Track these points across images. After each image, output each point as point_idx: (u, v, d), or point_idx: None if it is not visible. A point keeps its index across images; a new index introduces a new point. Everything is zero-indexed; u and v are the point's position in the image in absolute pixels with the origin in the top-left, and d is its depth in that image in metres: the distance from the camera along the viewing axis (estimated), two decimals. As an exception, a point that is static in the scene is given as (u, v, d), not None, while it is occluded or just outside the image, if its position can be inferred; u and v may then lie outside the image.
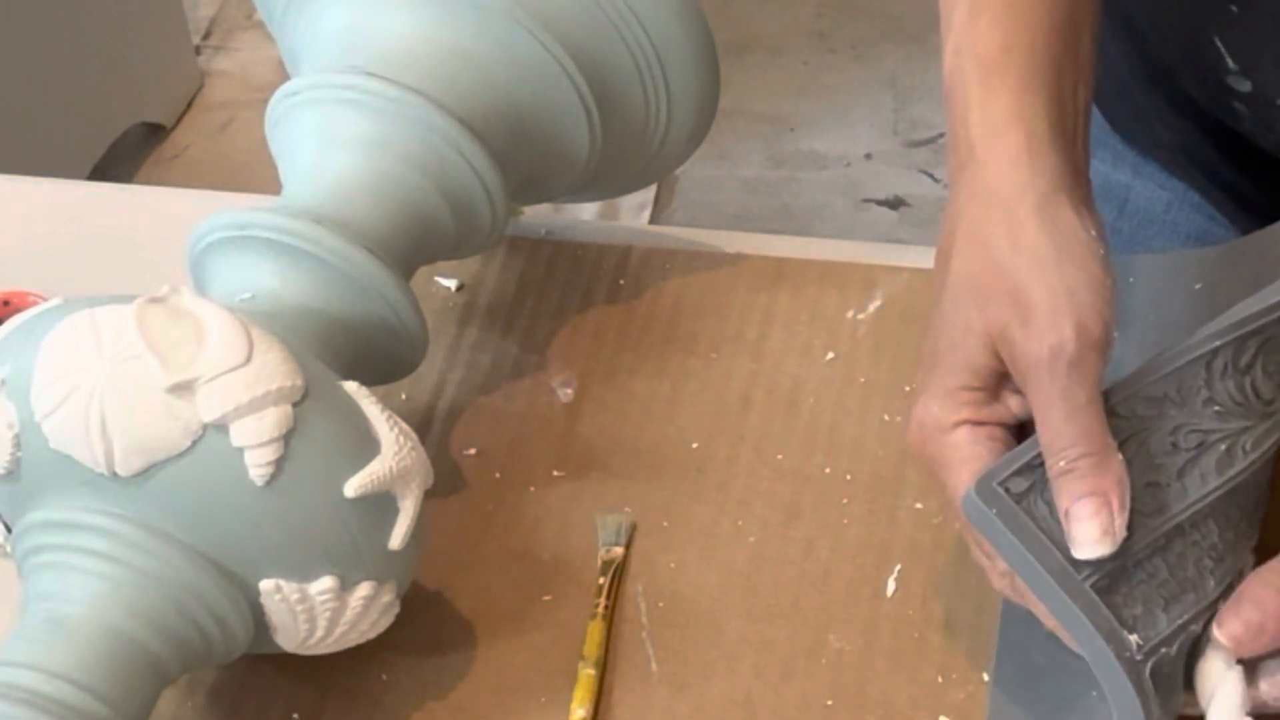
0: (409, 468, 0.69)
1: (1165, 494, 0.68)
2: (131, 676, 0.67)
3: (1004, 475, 0.68)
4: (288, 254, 0.75)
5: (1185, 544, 0.68)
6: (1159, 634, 0.66)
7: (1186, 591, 0.68)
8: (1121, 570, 0.67)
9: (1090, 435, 0.67)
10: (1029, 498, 0.67)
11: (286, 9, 0.86)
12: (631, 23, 0.83)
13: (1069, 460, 0.67)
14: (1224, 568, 0.69)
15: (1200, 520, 0.69)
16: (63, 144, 2.22)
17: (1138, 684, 0.65)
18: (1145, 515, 0.67)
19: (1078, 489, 0.66)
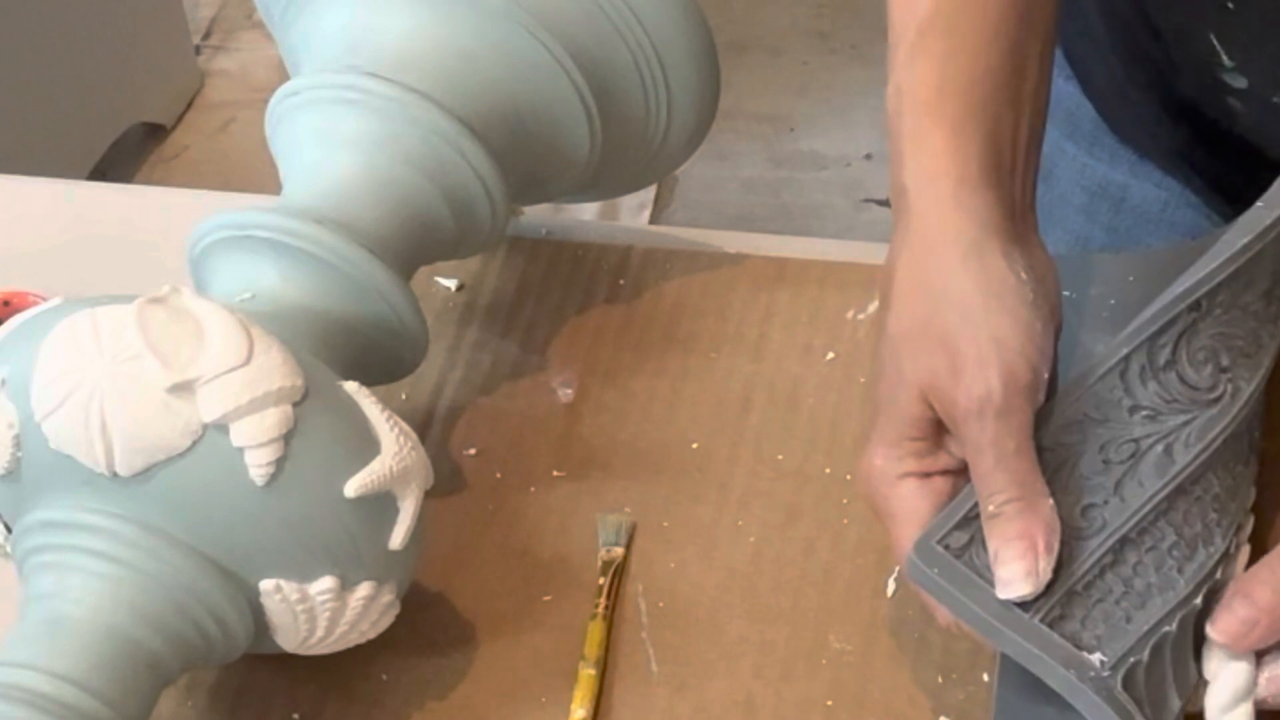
0: (409, 468, 0.69)
1: (1104, 511, 0.69)
2: (131, 676, 0.67)
3: (944, 532, 0.69)
4: (288, 254, 0.75)
5: (1139, 553, 0.69)
6: (1125, 646, 0.67)
7: (1151, 597, 0.68)
8: (1072, 596, 0.67)
9: (1018, 481, 0.68)
10: (970, 550, 0.68)
11: (286, 9, 0.86)
12: (632, 23, 0.83)
13: (997, 505, 0.68)
14: (1197, 560, 0.69)
15: (1149, 526, 0.69)
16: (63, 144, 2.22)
17: (1109, 699, 0.66)
18: (1086, 537, 0.68)
19: (1005, 532, 0.67)
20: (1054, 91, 1.02)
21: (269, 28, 0.89)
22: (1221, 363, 0.72)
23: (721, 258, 0.93)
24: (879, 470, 0.71)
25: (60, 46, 2.23)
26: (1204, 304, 0.72)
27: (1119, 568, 0.68)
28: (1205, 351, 0.72)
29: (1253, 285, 0.73)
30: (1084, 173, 1.02)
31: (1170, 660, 0.68)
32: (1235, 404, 0.72)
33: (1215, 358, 0.72)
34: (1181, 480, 0.70)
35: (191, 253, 0.78)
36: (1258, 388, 0.73)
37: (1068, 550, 0.68)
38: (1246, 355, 0.73)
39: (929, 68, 0.74)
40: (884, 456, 0.71)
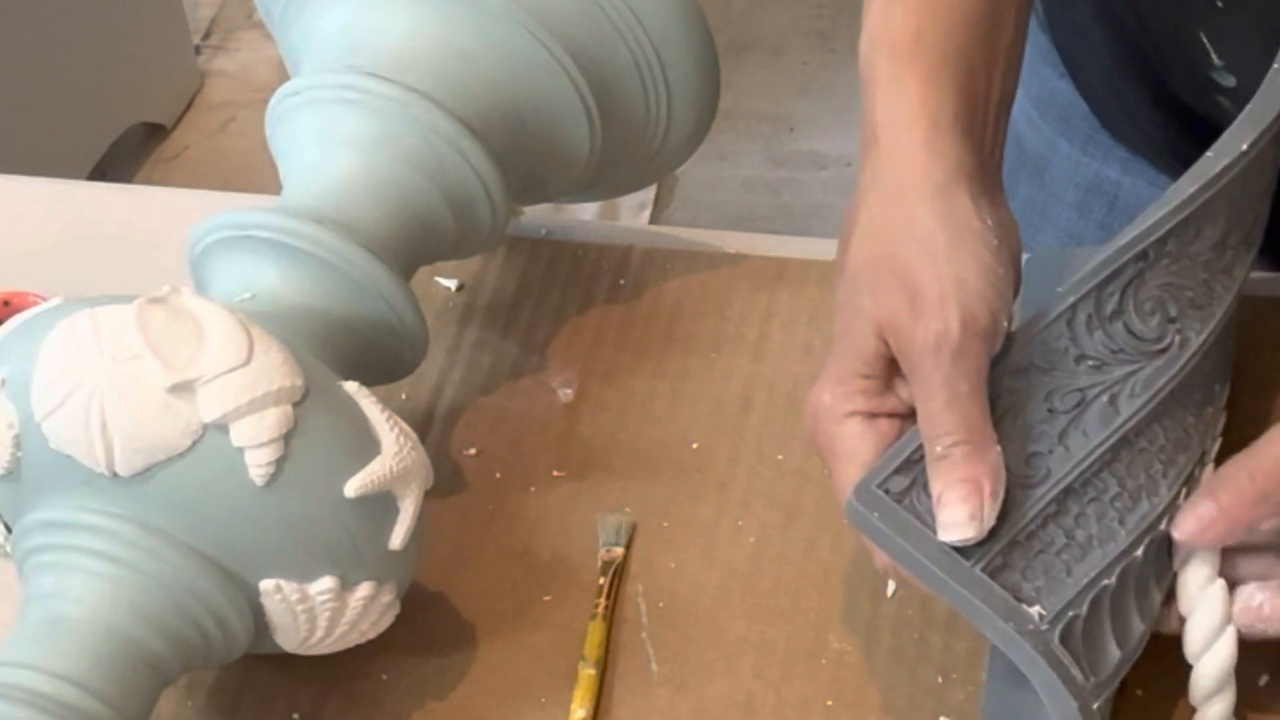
0: (409, 468, 0.69)
1: (1048, 460, 0.69)
2: (131, 676, 0.67)
3: (884, 475, 0.68)
4: (288, 254, 0.75)
5: (1081, 504, 0.68)
6: (1065, 599, 0.66)
7: (1091, 549, 0.68)
8: (1014, 545, 0.67)
9: (968, 424, 0.67)
10: (910, 494, 0.68)
11: (286, 9, 0.86)
12: (631, 23, 0.83)
13: (944, 447, 0.67)
14: (1139, 511, 0.69)
15: (1093, 477, 0.69)
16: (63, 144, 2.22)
17: (1046, 654, 0.65)
18: (1030, 486, 0.68)
19: (951, 475, 0.67)
20: (1048, 89, 1.02)
21: (269, 28, 0.89)
22: (1170, 313, 0.72)
23: (721, 258, 0.93)
24: (826, 406, 0.70)
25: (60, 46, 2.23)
26: (1151, 253, 0.71)
27: (1061, 518, 0.68)
28: (1153, 302, 0.71)
29: (1202, 235, 0.73)
30: (1077, 170, 1.02)
31: (1109, 612, 0.67)
32: (1183, 355, 0.71)
33: (1163, 308, 0.72)
34: (1126, 431, 0.69)
35: (191, 253, 0.78)
36: (1209, 339, 0.72)
37: (1011, 499, 0.67)
38: (1197, 306, 0.72)
39: (907, 16, 0.74)
40: (832, 393, 0.70)
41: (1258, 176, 0.75)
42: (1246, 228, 0.75)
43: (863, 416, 0.70)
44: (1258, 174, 0.74)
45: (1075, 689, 0.65)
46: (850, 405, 0.70)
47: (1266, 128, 0.74)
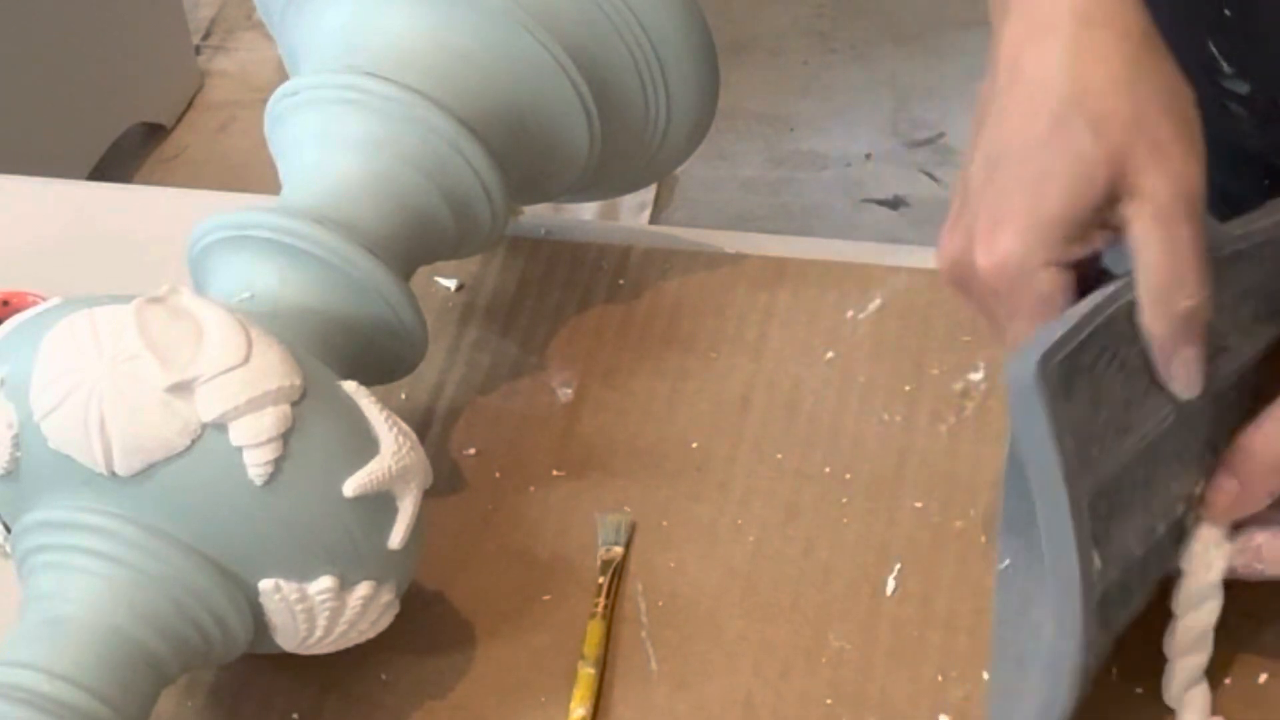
0: (408, 467, 0.69)
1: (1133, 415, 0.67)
2: (131, 676, 0.67)
3: (1063, 351, 0.64)
4: (287, 254, 0.75)
5: (1145, 466, 0.68)
6: (1111, 555, 0.66)
7: (1137, 514, 0.68)
8: (1100, 489, 0.66)
9: (1208, 280, 0.66)
10: (1076, 379, 0.64)
11: (286, 9, 0.86)
12: (631, 22, 0.83)
13: (1194, 300, 0.65)
14: (1170, 492, 0.69)
15: (1150, 451, 0.68)
16: (63, 144, 2.22)
17: (1088, 605, 0.65)
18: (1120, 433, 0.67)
19: (1196, 334, 0.66)
20: None
21: (269, 28, 0.89)
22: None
23: (721, 258, 0.93)
24: (1017, 257, 0.66)
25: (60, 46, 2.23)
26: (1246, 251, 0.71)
27: (1128, 474, 0.67)
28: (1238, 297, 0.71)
29: None
30: None
31: (1126, 583, 0.67)
32: (1234, 362, 0.71)
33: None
34: (1182, 414, 0.69)
35: (191, 253, 0.78)
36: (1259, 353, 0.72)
37: (1110, 437, 0.66)
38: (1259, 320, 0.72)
39: None
40: (1027, 242, 0.66)
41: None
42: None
43: (1058, 267, 0.66)
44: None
45: (1089, 641, 0.65)
46: (1054, 253, 0.66)
47: None
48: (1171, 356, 0.67)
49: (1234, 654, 0.73)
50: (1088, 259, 0.67)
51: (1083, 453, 0.65)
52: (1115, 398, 0.66)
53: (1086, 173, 0.65)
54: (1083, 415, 0.65)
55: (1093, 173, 0.65)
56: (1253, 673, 0.73)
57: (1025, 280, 0.66)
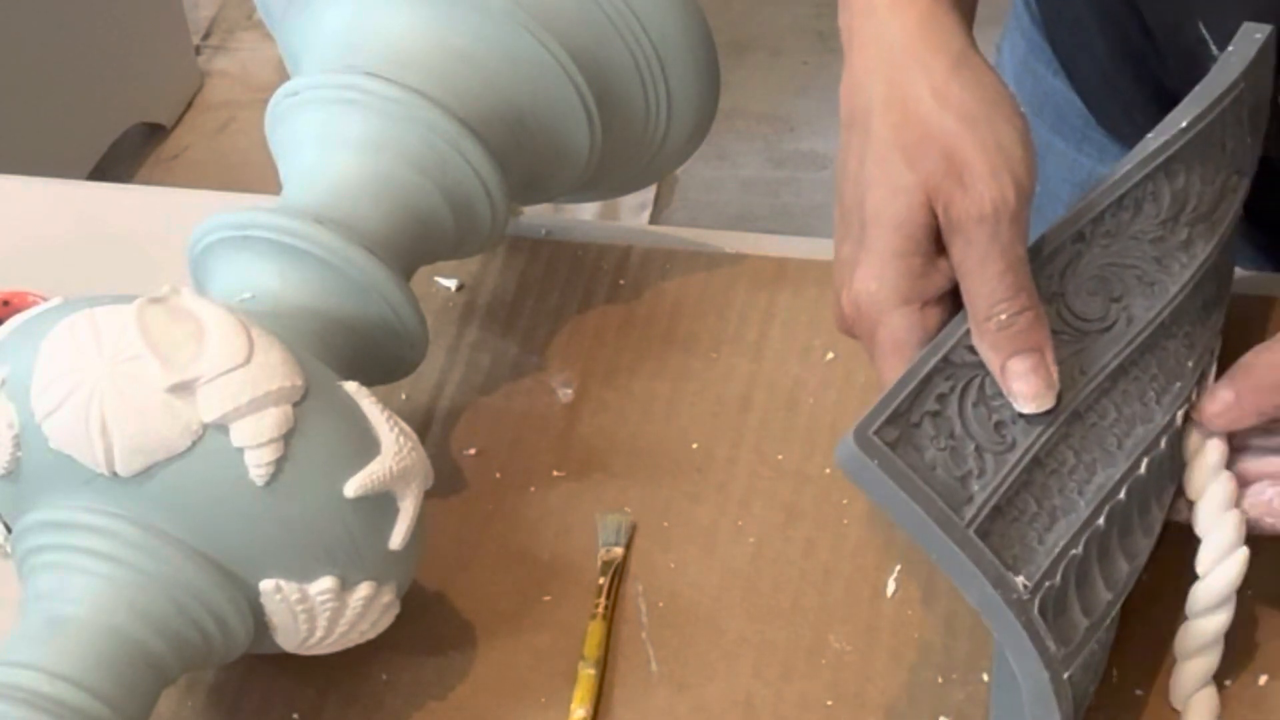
0: (409, 468, 0.69)
1: (1013, 430, 0.69)
2: (131, 676, 0.67)
3: (877, 424, 0.66)
4: (288, 254, 0.75)
5: (1044, 475, 0.68)
6: (1041, 568, 0.66)
7: (1057, 519, 0.68)
8: (995, 511, 0.67)
9: (1029, 290, 0.67)
10: (903, 445, 0.66)
11: (287, 9, 0.86)
12: (631, 23, 0.83)
13: (1009, 314, 0.67)
14: (1095, 482, 0.69)
15: (1052, 449, 0.69)
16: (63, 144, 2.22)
17: (1027, 624, 0.65)
18: (1001, 453, 0.68)
19: (1018, 343, 0.67)
20: (1042, 87, 1.02)
21: (269, 28, 0.89)
22: (1113, 293, 0.72)
23: (721, 258, 0.93)
24: (871, 295, 0.69)
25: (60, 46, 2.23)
26: (1088, 234, 0.72)
27: (1031, 488, 0.68)
28: (1094, 281, 0.72)
29: (1143, 212, 0.73)
30: (1073, 168, 1.02)
31: (1076, 582, 0.67)
32: (1130, 331, 0.72)
33: (1105, 287, 0.72)
34: (1076, 406, 0.70)
35: (191, 253, 0.78)
36: (1164, 314, 0.73)
37: (985, 464, 0.67)
38: (1148, 283, 0.73)
39: None
40: (877, 278, 0.69)
41: (1211, 156, 0.75)
42: (1208, 205, 0.75)
43: (912, 306, 0.69)
44: (1211, 153, 0.75)
45: (1048, 659, 0.65)
46: (898, 292, 0.69)
47: (1209, 106, 0.74)
48: (1003, 371, 0.68)
49: (1234, 655, 0.73)
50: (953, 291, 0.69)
51: (952, 491, 0.66)
52: (982, 425, 0.68)
53: (907, 204, 0.68)
54: (938, 459, 0.66)
55: (911, 202, 0.68)
56: (1254, 674, 0.73)
57: (881, 320, 0.69)
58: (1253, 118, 0.78)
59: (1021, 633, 0.65)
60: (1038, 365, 0.67)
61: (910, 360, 0.68)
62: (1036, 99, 1.03)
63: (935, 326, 0.69)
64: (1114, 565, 0.69)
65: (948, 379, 0.68)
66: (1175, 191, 0.74)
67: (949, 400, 0.68)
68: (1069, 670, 0.66)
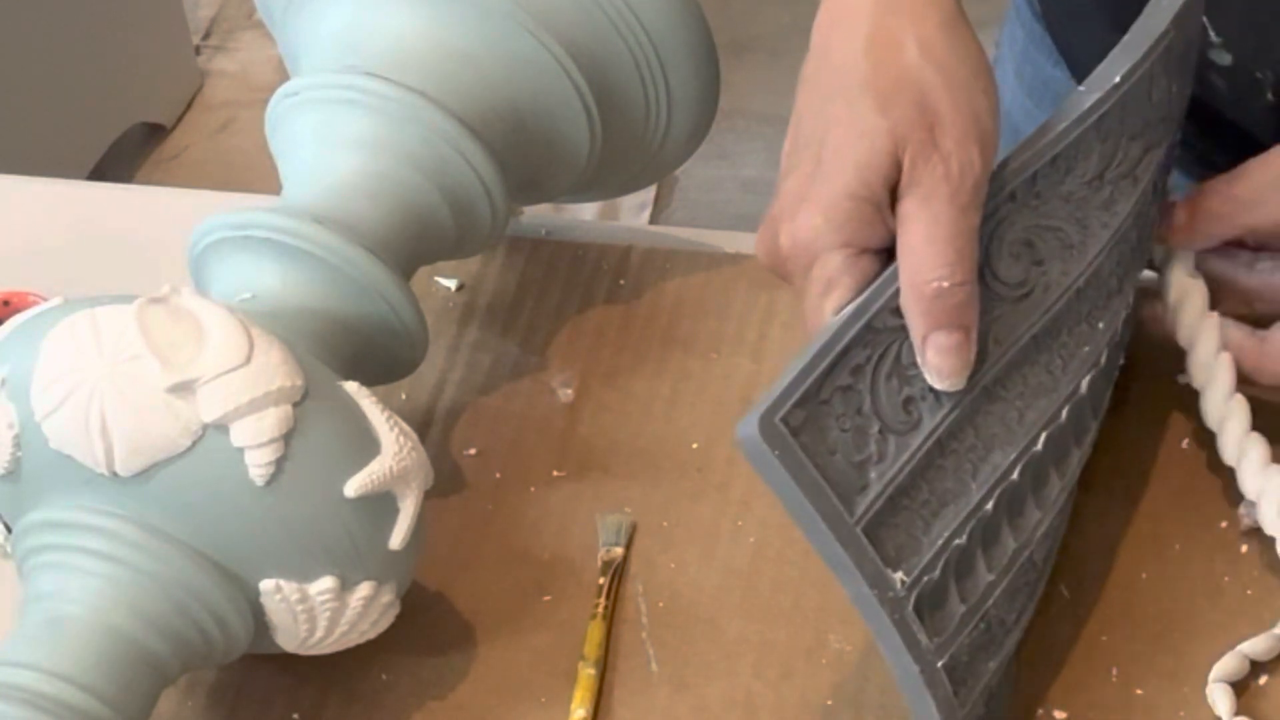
0: (409, 468, 0.69)
1: (922, 407, 0.67)
2: (131, 676, 0.67)
3: (787, 407, 0.64)
4: (288, 254, 0.75)
5: (944, 456, 0.67)
6: (922, 561, 0.65)
7: (946, 505, 0.67)
8: (888, 502, 0.65)
9: (971, 265, 0.66)
10: (808, 429, 0.64)
11: (286, 9, 0.86)
12: (631, 22, 0.83)
13: (950, 282, 0.65)
14: (990, 463, 0.68)
15: (956, 428, 0.67)
16: (63, 144, 2.22)
17: (899, 622, 0.64)
18: (904, 434, 0.66)
19: (951, 317, 0.65)
20: (1042, 77, 1.02)
21: (269, 28, 0.89)
22: (1037, 255, 0.70)
23: (721, 258, 0.93)
24: (815, 230, 0.67)
25: (60, 46, 2.23)
26: (1019, 194, 0.70)
27: (928, 472, 0.66)
28: (1019, 245, 0.70)
29: (1074, 172, 0.72)
30: None
31: (956, 573, 0.66)
32: (1047, 299, 0.70)
33: (1030, 250, 0.70)
34: (986, 382, 0.68)
35: (192, 253, 0.78)
36: (1080, 279, 0.72)
37: (889, 449, 0.66)
38: (1068, 246, 0.71)
39: None
40: (825, 215, 0.67)
41: (1138, 108, 0.73)
42: (1132, 160, 0.74)
43: (852, 250, 0.67)
44: (1138, 105, 0.73)
45: (919, 654, 0.65)
46: (842, 233, 0.67)
47: (1141, 58, 0.73)
48: (925, 341, 0.66)
49: (1234, 655, 0.73)
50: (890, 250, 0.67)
51: (848, 481, 0.65)
52: (891, 400, 0.66)
53: (871, 147, 0.66)
54: (840, 441, 0.65)
55: (876, 146, 0.66)
56: (1254, 674, 0.73)
57: (822, 258, 0.67)
58: (1180, 64, 0.76)
59: (894, 630, 0.64)
60: (961, 344, 0.66)
61: (838, 305, 0.66)
62: (1036, 89, 1.03)
63: (866, 279, 0.67)
64: (1000, 547, 0.68)
65: (866, 347, 0.66)
66: (1104, 150, 0.72)
67: (863, 372, 0.66)
68: (943, 658, 0.65)
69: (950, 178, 0.66)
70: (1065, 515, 0.72)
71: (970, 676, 0.67)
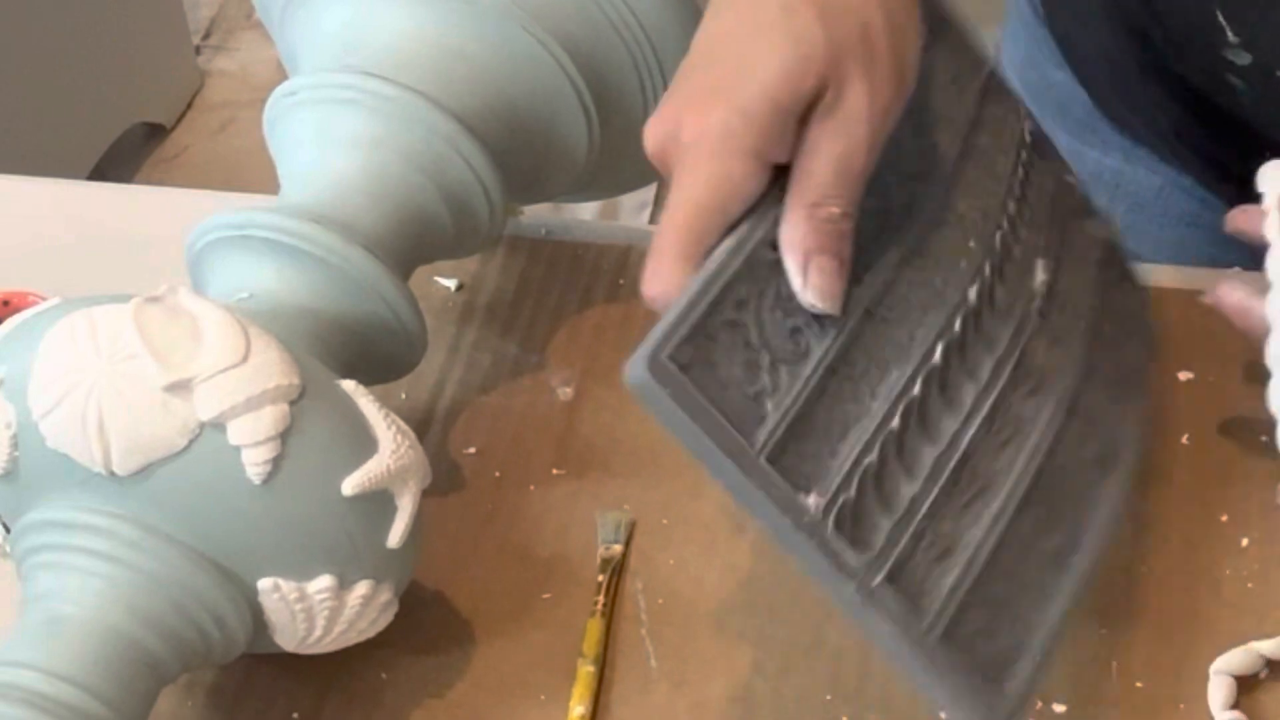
0: (406, 466, 0.69)
1: (807, 335, 0.66)
2: (131, 676, 0.67)
3: (674, 343, 0.63)
4: (286, 253, 0.75)
5: (839, 380, 0.66)
6: (834, 483, 0.65)
7: (850, 427, 0.66)
8: (788, 431, 0.64)
9: (858, 202, 0.65)
10: (698, 366, 0.63)
11: (285, 9, 0.86)
12: (629, 21, 0.83)
13: (840, 210, 0.64)
14: (889, 380, 0.67)
15: (845, 353, 0.67)
16: (63, 144, 2.22)
17: (821, 545, 0.63)
18: (794, 362, 0.65)
19: (834, 244, 0.64)
20: (1045, 81, 1.02)
21: (268, 28, 0.89)
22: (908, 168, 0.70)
23: (720, 256, 0.93)
24: (728, 129, 0.64)
25: (60, 46, 2.23)
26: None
27: (824, 398, 0.66)
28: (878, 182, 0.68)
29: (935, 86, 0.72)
30: (1077, 160, 1.02)
31: (874, 487, 0.66)
32: (910, 219, 0.70)
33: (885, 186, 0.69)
34: (867, 304, 0.67)
35: (190, 253, 0.78)
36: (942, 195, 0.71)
37: (779, 377, 0.65)
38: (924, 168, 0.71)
39: None
40: (743, 116, 0.64)
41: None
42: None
43: (757, 162, 0.64)
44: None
45: (850, 572, 0.64)
46: (756, 139, 0.64)
47: None
48: (809, 262, 0.64)
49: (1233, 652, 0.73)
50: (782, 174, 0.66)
51: (745, 413, 0.64)
52: (777, 331, 0.65)
53: (804, 54, 0.64)
54: (732, 376, 0.64)
55: (810, 54, 0.64)
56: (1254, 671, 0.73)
57: (724, 162, 0.64)
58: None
59: (817, 554, 0.63)
60: (839, 270, 0.65)
61: (721, 220, 0.65)
62: (1039, 92, 1.03)
63: (752, 195, 0.65)
64: (915, 457, 0.67)
65: (748, 281, 0.65)
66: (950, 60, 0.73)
67: (747, 306, 0.65)
68: (880, 574, 0.64)
69: (874, 112, 0.65)
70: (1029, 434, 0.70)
71: (928, 592, 0.65)
